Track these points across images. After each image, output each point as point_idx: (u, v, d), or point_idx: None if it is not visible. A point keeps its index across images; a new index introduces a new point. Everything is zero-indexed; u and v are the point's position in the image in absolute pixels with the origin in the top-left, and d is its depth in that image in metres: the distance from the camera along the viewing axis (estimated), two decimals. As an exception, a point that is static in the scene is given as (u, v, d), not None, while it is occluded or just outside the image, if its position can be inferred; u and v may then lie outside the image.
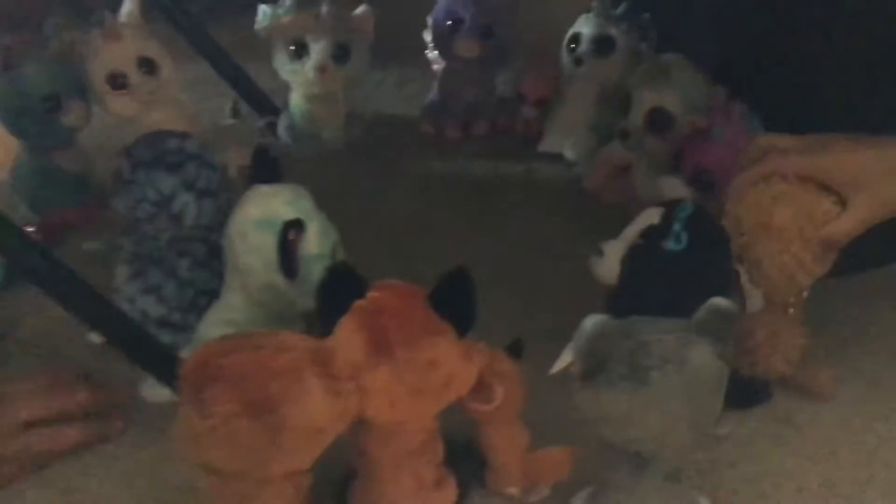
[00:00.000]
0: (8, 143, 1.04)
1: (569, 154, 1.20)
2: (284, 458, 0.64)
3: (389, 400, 0.66)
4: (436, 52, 1.27)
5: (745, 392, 0.81)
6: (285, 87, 1.24)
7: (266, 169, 0.81)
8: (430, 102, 1.29)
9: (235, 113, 1.28)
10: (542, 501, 0.74)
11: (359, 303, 0.67)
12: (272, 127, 1.25)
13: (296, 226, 0.77)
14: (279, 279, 0.78)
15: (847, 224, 0.74)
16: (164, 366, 0.81)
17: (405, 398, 0.66)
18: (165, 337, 0.87)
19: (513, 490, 0.74)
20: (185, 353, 0.84)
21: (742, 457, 0.78)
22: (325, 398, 0.64)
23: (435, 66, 1.31)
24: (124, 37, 1.07)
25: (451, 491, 0.72)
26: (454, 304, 0.67)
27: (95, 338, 0.89)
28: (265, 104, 1.30)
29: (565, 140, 1.20)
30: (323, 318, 0.67)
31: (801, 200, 0.73)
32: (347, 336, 0.66)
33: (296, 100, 1.22)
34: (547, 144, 1.22)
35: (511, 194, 1.18)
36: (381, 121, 1.32)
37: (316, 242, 0.79)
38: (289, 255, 0.77)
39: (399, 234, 1.10)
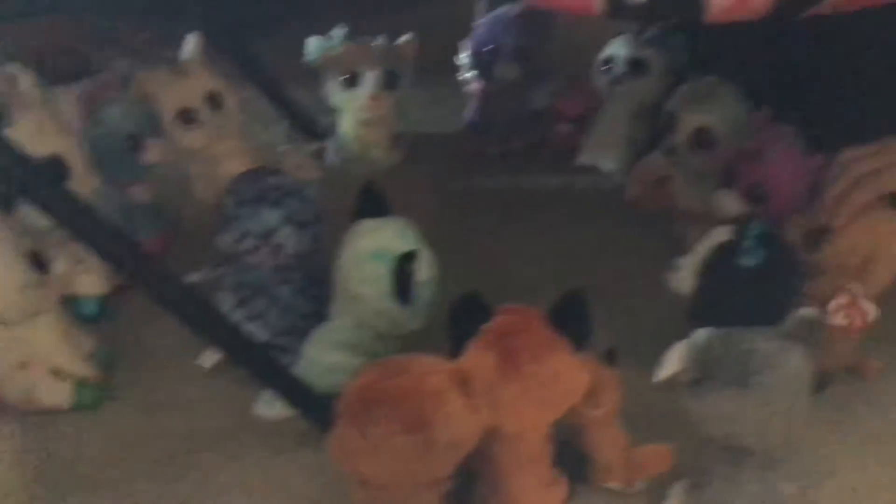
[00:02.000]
0: (88, 179, 1.09)
1: (606, 166, 1.29)
2: (432, 469, 0.73)
3: (518, 411, 0.74)
4: (472, 74, 1.35)
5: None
6: (324, 110, 1.31)
7: (372, 204, 0.88)
8: (470, 121, 1.36)
9: (289, 138, 1.34)
10: (646, 492, 0.83)
11: (486, 326, 0.75)
12: (322, 151, 1.32)
13: (412, 257, 0.84)
14: (393, 305, 0.86)
15: None
16: (286, 384, 0.88)
17: (531, 409, 0.75)
18: (271, 359, 0.94)
19: (615, 484, 0.83)
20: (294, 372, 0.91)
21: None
22: (467, 415, 0.72)
23: (470, 87, 1.39)
24: (192, 73, 1.13)
25: (563, 488, 0.81)
26: (570, 321, 0.75)
27: (205, 362, 0.96)
28: (312, 129, 1.36)
29: (603, 153, 1.29)
30: (453, 342, 0.75)
31: None
32: (479, 357, 0.74)
33: (347, 124, 1.29)
34: (585, 157, 1.31)
35: (554, 204, 1.26)
36: (422, 140, 1.39)
37: (426, 269, 0.87)
38: (405, 284, 0.85)
39: (451, 246, 1.17)
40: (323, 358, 0.91)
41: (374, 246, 0.85)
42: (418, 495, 0.74)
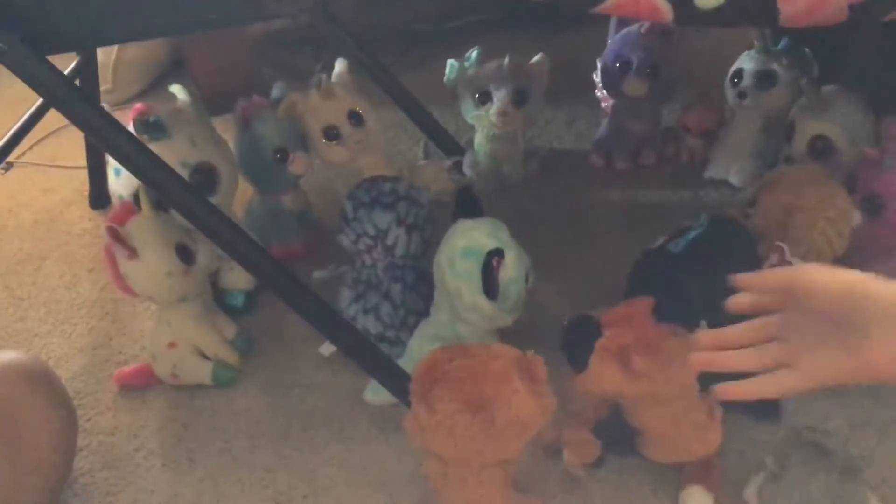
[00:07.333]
0: (243, 187, 1.23)
1: (734, 180, 1.28)
2: (496, 448, 0.77)
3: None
4: (605, 91, 1.38)
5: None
6: (466, 129, 1.39)
7: (468, 205, 0.95)
8: (600, 137, 1.40)
9: (427, 153, 1.43)
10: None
11: (600, 343, 0.80)
12: (459, 165, 1.40)
13: (497, 254, 0.90)
14: (483, 300, 0.92)
15: None
16: (388, 373, 0.96)
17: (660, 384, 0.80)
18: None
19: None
20: (400, 363, 0.99)
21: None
22: (528, 398, 0.76)
23: (604, 104, 1.42)
24: (336, 94, 1.24)
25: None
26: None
27: (325, 351, 1.06)
28: (450, 144, 1.45)
29: (730, 167, 1.28)
30: (573, 362, 0.82)
31: (821, 184, 0.86)
32: (603, 371, 0.80)
33: (479, 140, 1.36)
34: (713, 171, 1.31)
35: (682, 218, 1.26)
36: (555, 155, 1.44)
37: (513, 267, 0.92)
38: (491, 280, 0.90)
39: (579, 257, 1.21)
40: (424, 350, 0.97)
41: (465, 244, 0.92)
42: (487, 473, 0.79)
